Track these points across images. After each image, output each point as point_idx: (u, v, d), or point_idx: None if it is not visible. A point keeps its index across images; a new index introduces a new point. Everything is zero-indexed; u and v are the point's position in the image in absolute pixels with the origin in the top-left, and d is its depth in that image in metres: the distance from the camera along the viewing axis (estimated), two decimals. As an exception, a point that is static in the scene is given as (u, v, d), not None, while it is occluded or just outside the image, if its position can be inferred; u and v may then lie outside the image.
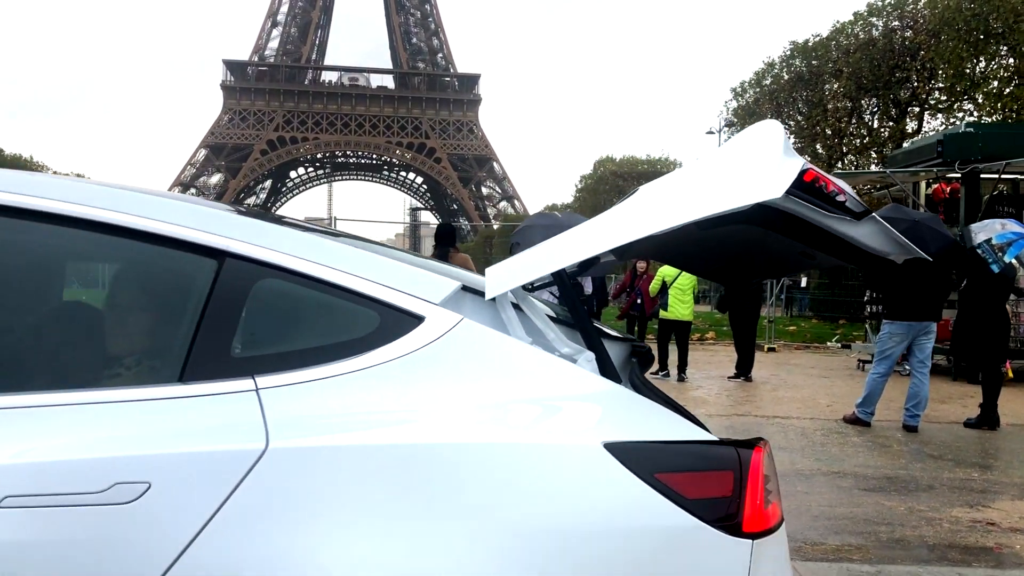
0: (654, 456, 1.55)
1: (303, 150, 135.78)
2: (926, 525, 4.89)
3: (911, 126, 31.74)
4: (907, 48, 30.35)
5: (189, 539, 1.44)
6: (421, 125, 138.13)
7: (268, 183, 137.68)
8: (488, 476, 1.51)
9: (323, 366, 1.61)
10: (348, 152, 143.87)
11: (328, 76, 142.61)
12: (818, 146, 36.39)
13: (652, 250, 2.70)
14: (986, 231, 7.71)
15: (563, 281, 1.91)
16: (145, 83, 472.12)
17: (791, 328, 19.99)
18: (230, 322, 1.64)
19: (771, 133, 1.81)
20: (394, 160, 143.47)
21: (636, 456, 1.54)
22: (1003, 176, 11.31)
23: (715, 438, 1.62)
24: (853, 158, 34.84)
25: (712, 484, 1.56)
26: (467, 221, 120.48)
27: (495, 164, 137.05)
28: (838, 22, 33.42)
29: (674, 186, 1.90)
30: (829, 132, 35.50)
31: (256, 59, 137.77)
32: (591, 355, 1.79)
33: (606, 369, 1.76)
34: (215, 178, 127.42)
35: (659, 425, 1.64)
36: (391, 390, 1.60)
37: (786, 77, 36.09)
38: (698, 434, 1.64)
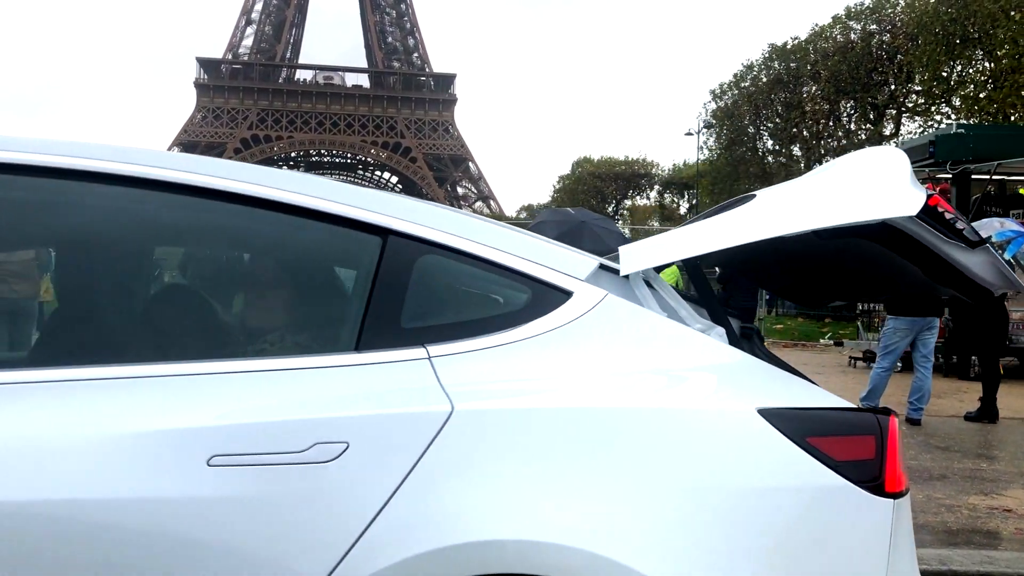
0: (804, 421, 1.66)
1: (277, 149, 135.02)
2: (946, 512, 5.04)
3: (889, 128, 32.19)
4: (885, 51, 30.82)
5: (388, 495, 1.52)
6: (396, 124, 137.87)
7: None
8: (661, 438, 1.61)
9: (486, 336, 1.71)
10: (323, 151, 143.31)
11: (303, 75, 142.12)
12: (795, 147, 36.84)
13: (728, 258, 2.79)
14: (985, 229, 7.90)
15: (696, 265, 2.01)
16: (118, 81, 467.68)
17: (778, 327, 20.25)
18: (398, 295, 1.73)
19: (897, 158, 1.94)
20: (369, 159, 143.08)
21: (788, 421, 1.64)
22: (993, 177, 11.57)
23: (854, 405, 1.73)
24: (831, 159, 35.24)
25: (857, 447, 1.66)
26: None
27: (471, 164, 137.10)
28: (817, 25, 33.85)
29: (799, 194, 2.02)
30: (807, 134, 35.93)
31: (230, 57, 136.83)
32: (721, 330, 1.89)
33: (736, 342, 1.86)
34: None
35: (803, 393, 1.75)
36: (551, 359, 1.69)
37: (764, 79, 36.47)
38: (838, 401, 1.74)
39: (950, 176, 11.83)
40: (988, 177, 11.54)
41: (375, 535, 1.50)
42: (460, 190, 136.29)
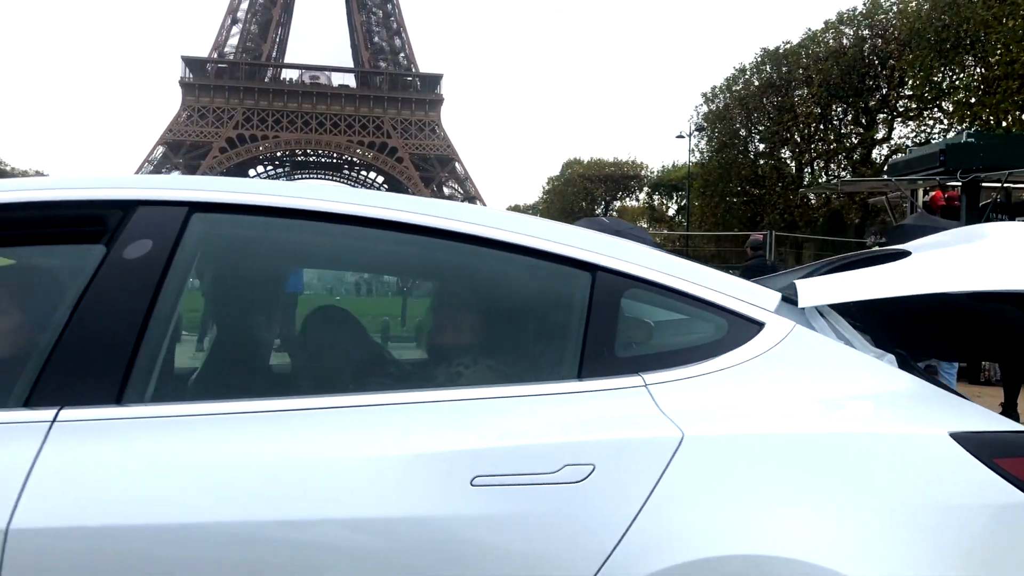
0: (992, 444, 1.79)
1: (263, 148, 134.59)
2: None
3: (881, 133, 32.54)
4: (877, 56, 31.16)
5: (634, 514, 1.64)
6: (383, 124, 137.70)
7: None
8: (869, 460, 1.74)
9: (692, 365, 1.84)
10: (308, 151, 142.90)
11: (289, 74, 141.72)
12: (785, 150, 37.14)
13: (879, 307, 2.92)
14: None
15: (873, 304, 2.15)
16: (102, 79, 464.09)
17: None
18: (610, 326, 1.86)
19: None
20: (355, 159, 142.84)
21: (977, 444, 1.78)
22: (1005, 185, 11.81)
23: None
24: (821, 162, 35.63)
25: None
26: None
27: (457, 164, 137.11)
28: (809, 30, 34.13)
29: (968, 254, 2.16)
30: (798, 138, 36.25)
31: (216, 56, 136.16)
32: (892, 357, 2.03)
33: (908, 368, 2.01)
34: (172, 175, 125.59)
35: (982, 417, 1.89)
36: (750, 386, 1.82)
37: (756, 83, 36.76)
38: (1016, 425, 1.89)
39: (959, 184, 12.06)
40: (999, 185, 11.77)
41: (625, 552, 1.62)
42: (446, 190, 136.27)
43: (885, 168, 21.98)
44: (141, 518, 1.55)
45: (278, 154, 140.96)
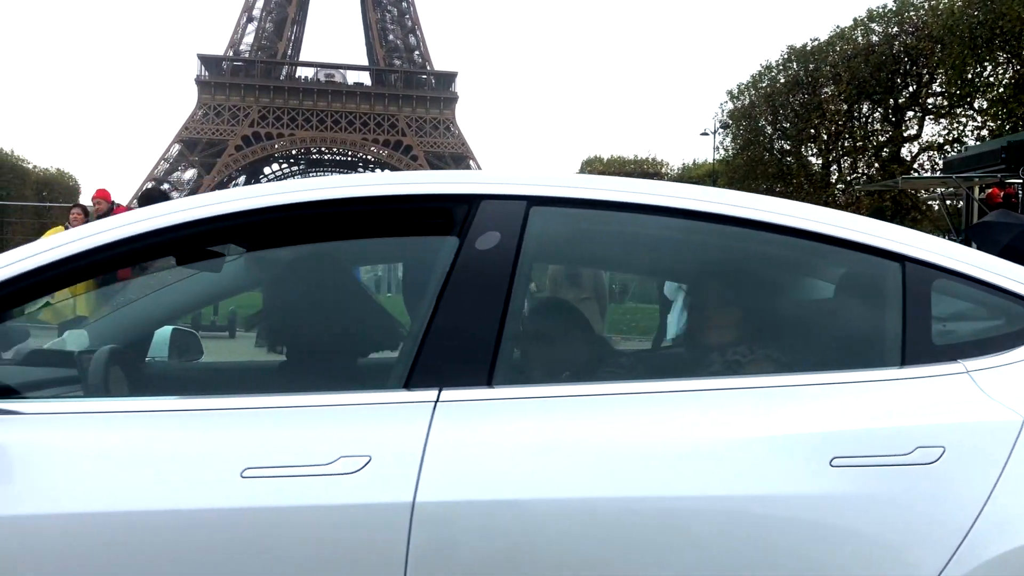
0: None
1: (278, 146, 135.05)
2: None
3: (912, 130, 32.47)
4: (907, 53, 31.07)
5: (986, 494, 1.70)
6: (398, 123, 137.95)
7: (242, 179, 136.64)
8: None
9: (1009, 352, 1.89)
10: (323, 149, 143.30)
11: (304, 72, 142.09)
12: (810, 146, 37.06)
13: None
14: None
15: None
16: (118, 77, 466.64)
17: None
18: (925, 315, 1.92)
19: None
20: (369, 157, 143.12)
21: None
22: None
23: None
24: (848, 160, 35.58)
25: None
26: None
27: (472, 162, 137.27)
28: (838, 27, 34.05)
29: None
30: (825, 136, 36.19)
31: (231, 54, 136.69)
32: None
33: None
34: (188, 173, 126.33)
35: None
36: None
37: (782, 80, 36.71)
38: None
39: (1020, 181, 12.10)
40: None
41: (979, 532, 1.69)
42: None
43: (941, 166, 21.95)
44: (530, 493, 1.62)
45: (293, 152, 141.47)
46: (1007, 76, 25.78)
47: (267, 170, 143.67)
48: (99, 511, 1.54)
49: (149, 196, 7.37)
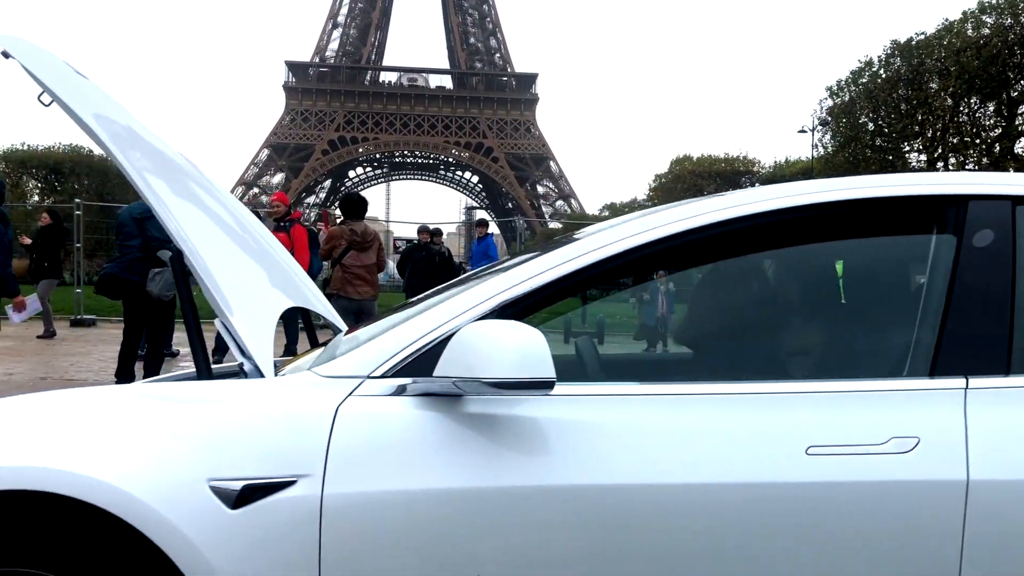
0: None
1: (362, 150, 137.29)
2: None
3: (1027, 125, 31.41)
4: (1021, 46, 30.09)
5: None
6: (479, 125, 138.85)
7: (328, 183, 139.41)
8: None
9: None
10: (406, 152, 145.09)
11: (387, 76, 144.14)
12: (913, 143, 36.15)
13: None
14: None
15: None
16: (213, 87, 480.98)
17: None
18: None
19: None
20: (451, 160, 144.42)
21: None
22: None
23: None
24: (954, 157, 34.61)
25: None
26: (523, 219, 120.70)
27: (552, 163, 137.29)
28: (946, 20, 33.17)
29: None
30: (929, 133, 35.30)
31: (317, 60, 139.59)
32: None
33: None
34: (277, 178, 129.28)
35: None
36: None
37: (885, 75, 35.91)
38: None
39: None
40: None
41: None
42: (540, 189, 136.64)
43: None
44: None
45: (376, 156, 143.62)
46: None
47: (352, 173, 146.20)
48: (672, 483, 1.75)
49: (350, 200, 7.65)
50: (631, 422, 1.81)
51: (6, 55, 2.26)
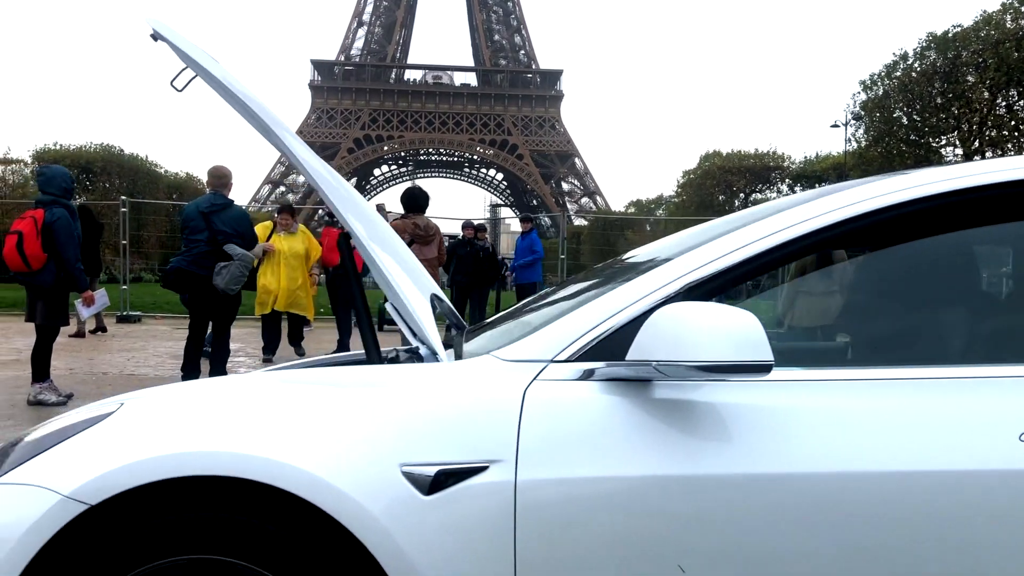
0: None
1: (387, 148, 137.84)
2: None
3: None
4: (1062, 38, 29.64)
5: None
6: (503, 122, 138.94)
7: (353, 180, 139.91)
8: None
9: None
10: (431, 150, 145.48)
11: (412, 74, 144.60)
12: (947, 137, 35.70)
13: None
14: None
15: None
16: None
17: None
18: None
19: None
20: (475, 157, 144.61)
21: None
22: None
23: None
24: (991, 151, 34.14)
25: None
26: (547, 216, 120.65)
27: (577, 160, 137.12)
28: (984, 12, 32.69)
29: None
30: (965, 127, 34.85)
31: (343, 59, 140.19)
32: None
33: None
34: (303, 176, 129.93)
35: None
36: None
37: (919, 68, 35.48)
38: None
39: None
40: None
41: None
42: (565, 186, 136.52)
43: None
44: None
45: (402, 154, 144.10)
46: None
47: (376, 171, 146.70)
48: (881, 471, 1.67)
49: (411, 194, 7.61)
50: (834, 408, 1.75)
51: (155, 37, 2.24)
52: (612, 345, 1.77)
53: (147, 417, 1.79)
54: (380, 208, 14.75)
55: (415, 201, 7.58)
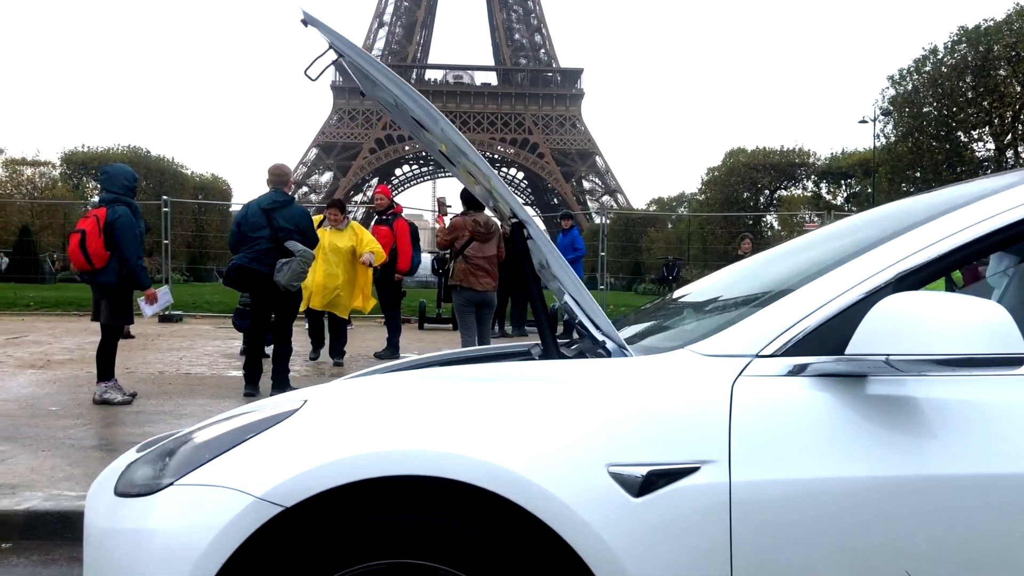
0: None
1: (408, 148, 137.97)
2: None
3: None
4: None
5: None
6: (524, 121, 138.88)
7: (375, 181, 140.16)
8: None
9: None
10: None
11: (433, 74, 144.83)
12: (980, 132, 35.29)
13: None
14: None
15: None
16: (263, 88, 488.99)
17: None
18: None
19: None
20: (496, 156, 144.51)
21: None
22: None
23: None
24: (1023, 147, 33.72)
25: None
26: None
27: (598, 158, 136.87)
28: (1018, 4, 32.26)
29: None
30: (997, 121, 34.43)
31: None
32: None
33: None
34: (326, 176, 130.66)
35: None
36: None
37: (950, 62, 35.07)
38: None
39: None
40: None
41: None
42: (586, 184, 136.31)
43: None
44: None
45: (423, 153, 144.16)
46: None
47: (398, 171, 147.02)
48: None
49: (469, 197, 7.51)
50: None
51: (305, 23, 2.20)
52: (820, 338, 1.69)
53: (335, 415, 1.73)
54: (441, 202, 14.68)
55: (476, 198, 7.48)
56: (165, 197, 15.88)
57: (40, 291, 20.60)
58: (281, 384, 6.93)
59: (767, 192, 55.36)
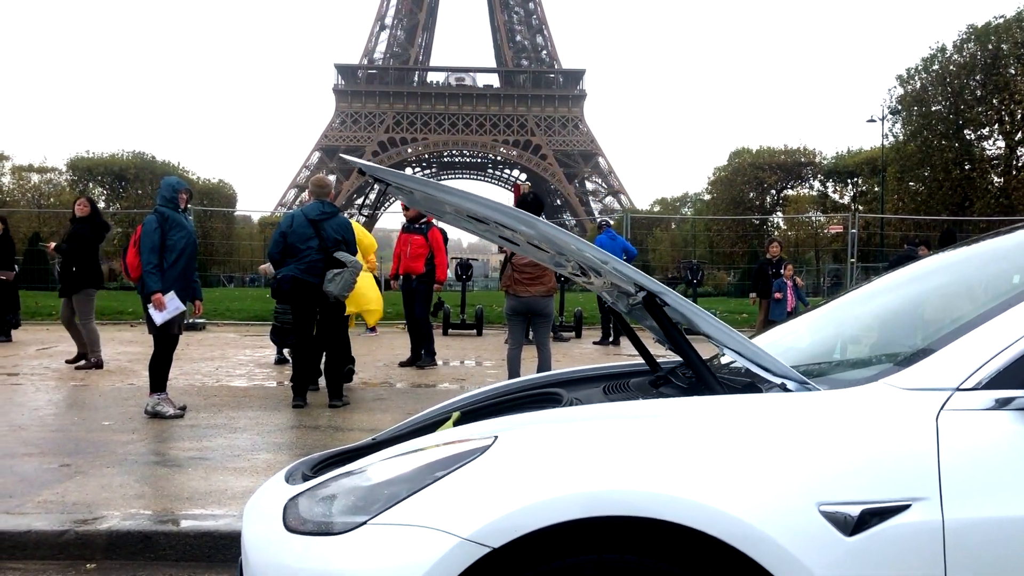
0: None
1: (411, 151, 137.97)
2: None
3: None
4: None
5: None
6: (526, 122, 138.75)
7: (378, 184, 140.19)
8: None
9: None
10: (454, 151, 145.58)
11: (435, 77, 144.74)
12: (992, 130, 35.20)
13: None
14: None
15: None
16: (267, 93, 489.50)
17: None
18: None
19: None
20: (499, 158, 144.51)
21: None
22: None
23: None
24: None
25: None
26: (572, 216, 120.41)
27: (601, 159, 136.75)
28: (1028, 1, 32.19)
29: None
30: (1007, 119, 34.36)
31: (366, 62, 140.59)
32: None
33: None
34: (328, 180, 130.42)
35: None
36: None
37: (959, 60, 35.01)
38: None
39: None
40: None
41: None
42: (589, 185, 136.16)
43: None
44: None
45: (426, 156, 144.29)
46: None
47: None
48: None
49: (525, 200, 7.45)
50: None
51: (362, 172, 2.22)
52: (1021, 370, 1.66)
53: (533, 453, 1.70)
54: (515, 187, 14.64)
55: (530, 207, 7.41)
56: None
57: (56, 300, 20.52)
58: (337, 396, 6.92)
59: (773, 192, 55.31)
